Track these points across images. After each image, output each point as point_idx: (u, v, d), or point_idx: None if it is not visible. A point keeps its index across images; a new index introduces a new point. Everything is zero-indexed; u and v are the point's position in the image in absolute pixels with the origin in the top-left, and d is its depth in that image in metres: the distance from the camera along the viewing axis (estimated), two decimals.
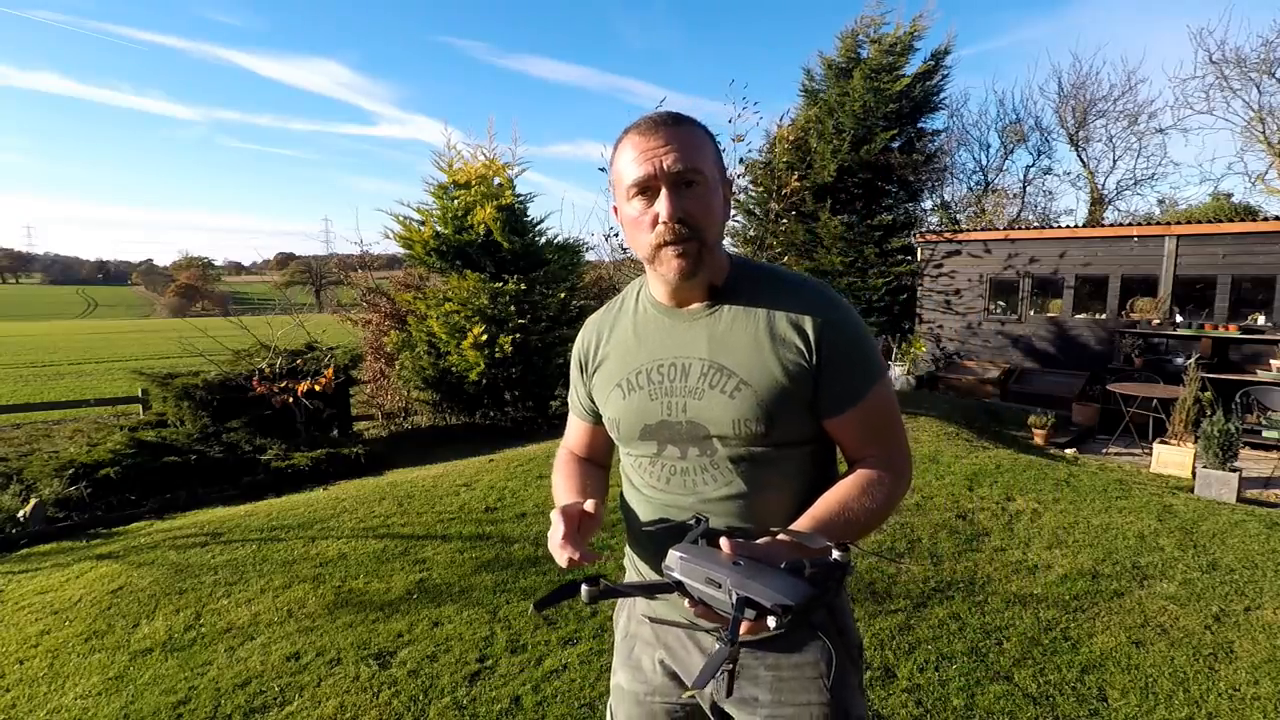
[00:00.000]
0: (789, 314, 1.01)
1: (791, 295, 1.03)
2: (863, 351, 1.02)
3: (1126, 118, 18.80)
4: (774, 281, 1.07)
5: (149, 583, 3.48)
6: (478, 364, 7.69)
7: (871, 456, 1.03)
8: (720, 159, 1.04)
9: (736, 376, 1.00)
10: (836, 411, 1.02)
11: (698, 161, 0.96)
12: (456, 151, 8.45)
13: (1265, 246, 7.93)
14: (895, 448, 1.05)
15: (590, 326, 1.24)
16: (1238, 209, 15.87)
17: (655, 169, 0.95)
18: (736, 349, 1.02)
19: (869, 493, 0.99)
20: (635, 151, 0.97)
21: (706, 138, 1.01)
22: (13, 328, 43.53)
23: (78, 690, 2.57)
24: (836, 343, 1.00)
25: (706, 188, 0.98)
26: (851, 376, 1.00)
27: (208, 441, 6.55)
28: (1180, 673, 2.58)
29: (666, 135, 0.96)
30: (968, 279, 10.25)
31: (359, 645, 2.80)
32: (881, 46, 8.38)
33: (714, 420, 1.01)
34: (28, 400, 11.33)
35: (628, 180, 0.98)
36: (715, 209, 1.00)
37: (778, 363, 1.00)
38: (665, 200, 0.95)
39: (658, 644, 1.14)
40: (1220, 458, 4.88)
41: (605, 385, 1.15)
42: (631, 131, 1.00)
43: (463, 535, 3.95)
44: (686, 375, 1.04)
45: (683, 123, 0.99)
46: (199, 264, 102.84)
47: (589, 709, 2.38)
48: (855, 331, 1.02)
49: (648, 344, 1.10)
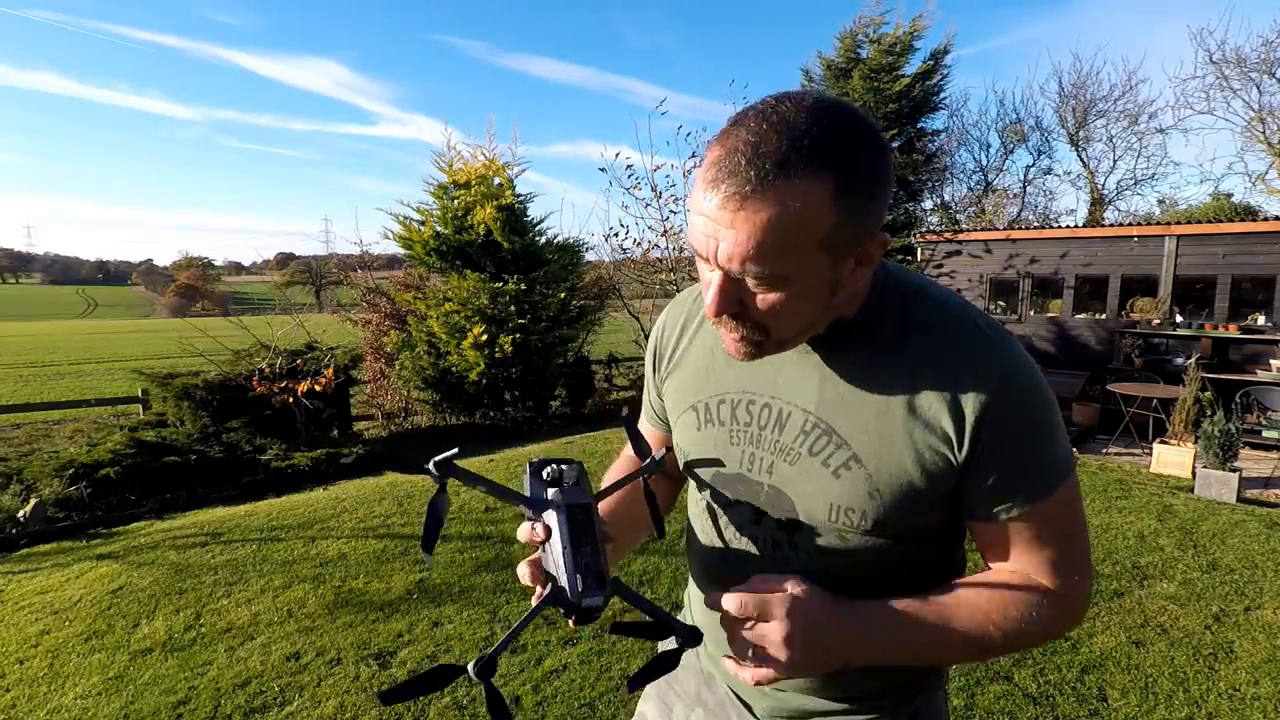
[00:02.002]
0: (946, 373, 0.71)
1: (955, 344, 0.72)
2: (1042, 442, 0.72)
3: (1127, 118, 18.84)
4: (935, 318, 0.75)
5: (149, 583, 3.48)
6: (478, 364, 7.69)
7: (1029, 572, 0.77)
8: (858, 213, 0.63)
9: (849, 449, 0.74)
10: (988, 518, 0.74)
11: (773, 264, 0.62)
12: (456, 152, 8.46)
13: (1265, 246, 7.93)
14: (1067, 569, 0.76)
15: (674, 311, 0.96)
16: (1238, 209, 15.88)
17: (707, 248, 0.64)
18: (856, 409, 0.74)
19: (1016, 614, 0.73)
20: (699, 204, 0.64)
21: (815, 210, 0.60)
22: (13, 328, 43.55)
23: (78, 690, 2.57)
24: (1005, 431, 0.70)
25: (786, 286, 0.65)
26: (1020, 477, 0.72)
27: (208, 441, 6.54)
28: (1180, 673, 2.58)
29: (737, 208, 0.60)
30: (968, 279, 10.25)
31: (359, 645, 2.80)
32: (881, 47, 8.38)
33: (804, 496, 0.77)
34: (28, 400, 11.32)
35: (688, 233, 0.69)
36: (799, 305, 0.67)
37: (910, 446, 0.72)
38: (713, 290, 0.67)
39: (698, 700, 0.98)
40: (1220, 458, 4.88)
41: (679, 400, 0.91)
42: (710, 157, 0.63)
43: (463, 535, 3.96)
44: (782, 427, 0.79)
45: (768, 194, 0.59)
46: (199, 264, 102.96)
47: (589, 709, 2.38)
48: (1036, 412, 0.71)
49: (739, 365, 0.83)
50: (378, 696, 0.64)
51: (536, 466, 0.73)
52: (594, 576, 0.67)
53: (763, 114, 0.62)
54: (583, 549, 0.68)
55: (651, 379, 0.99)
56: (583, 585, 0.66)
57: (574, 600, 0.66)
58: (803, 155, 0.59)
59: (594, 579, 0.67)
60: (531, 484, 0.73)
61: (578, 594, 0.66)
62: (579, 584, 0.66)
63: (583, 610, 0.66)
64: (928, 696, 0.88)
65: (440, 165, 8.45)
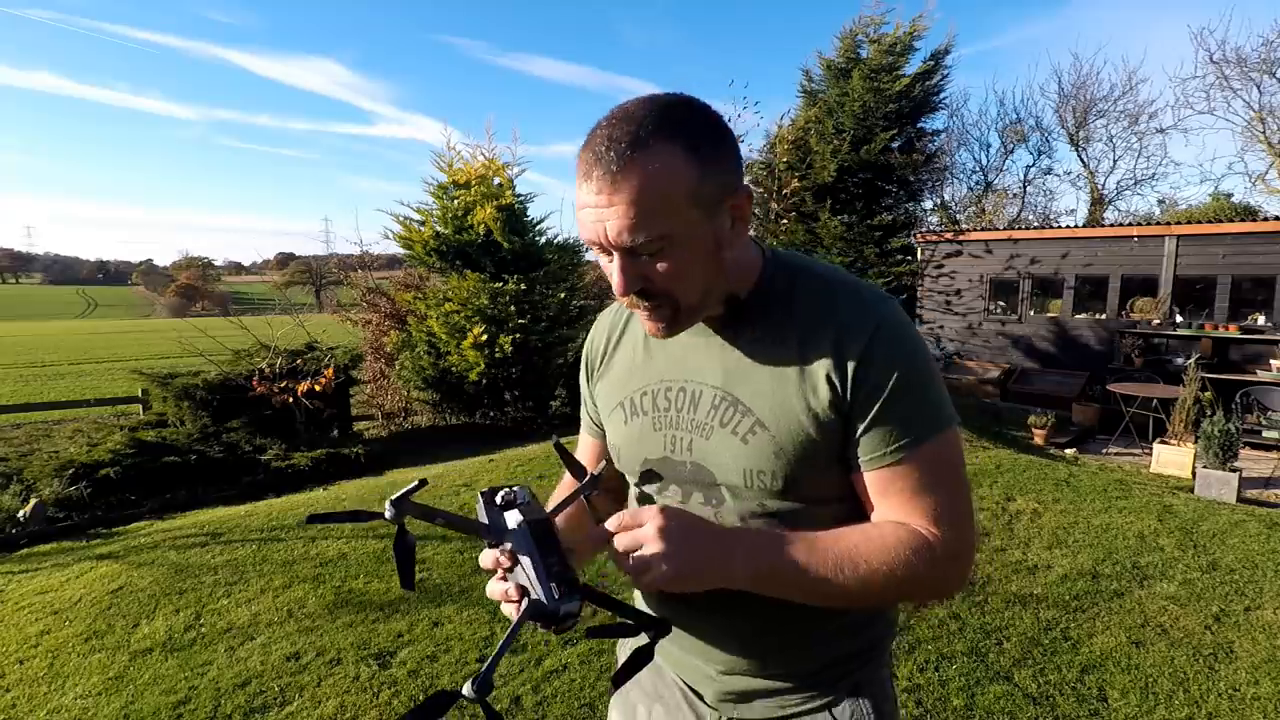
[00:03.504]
0: (826, 336, 0.79)
1: (834, 309, 0.80)
2: (917, 390, 0.78)
3: (1127, 118, 18.81)
4: (817, 289, 0.83)
5: (149, 583, 3.48)
6: (478, 364, 7.69)
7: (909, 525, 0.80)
8: (713, 170, 0.74)
9: (753, 415, 0.81)
10: (868, 465, 0.79)
11: (655, 225, 0.70)
12: (456, 151, 8.46)
13: (1265, 246, 7.93)
14: (944, 519, 0.79)
15: (600, 325, 1.04)
16: (1238, 209, 15.86)
17: (598, 235, 0.72)
18: (756, 379, 0.82)
19: (892, 550, 0.76)
20: (581, 198, 0.73)
21: (673, 167, 0.71)
22: (13, 328, 43.55)
23: (78, 690, 2.56)
24: (880, 379, 0.77)
25: (676, 248, 0.73)
26: (896, 424, 0.77)
27: (208, 441, 6.55)
28: (1180, 673, 2.58)
29: (611, 188, 0.70)
30: (968, 279, 10.25)
31: (359, 645, 2.80)
32: (881, 47, 8.37)
33: (721, 466, 0.84)
34: (28, 400, 11.32)
35: (580, 231, 0.76)
36: (692, 265, 0.75)
37: (803, 402, 0.79)
38: (616, 272, 0.74)
39: (655, 696, 1.01)
40: (1220, 458, 4.88)
41: (608, 401, 0.98)
42: (581, 156, 0.73)
43: (463, 535, 3.95)
44: (696, 406, 0.86)
45: (630, 166, 0.69)
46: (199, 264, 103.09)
47: (589, 709, 2.38)
48: (909, 361, 0.78)
49: (657, 359, 0.92)
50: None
51: (489, 495, 0.75)
52: (567, 583, 0.68)
53: (611, 115, 0.74)
54: (550, 559, 0.69)
55: (586, 389, 1.07)
56: (558, 592, 0.67)
57: (552, 608, 0.67)
58: (649, 130, 0.70)
59: (567, 585, 0.68)
60: (488, 512, 0.74)
61: (555, 602, 0.67)
62: (554, 591, 0.67)
63: (561, 617, 0.67)
64: (871, 671, 0.91)
65: (440, 165, 8.45)
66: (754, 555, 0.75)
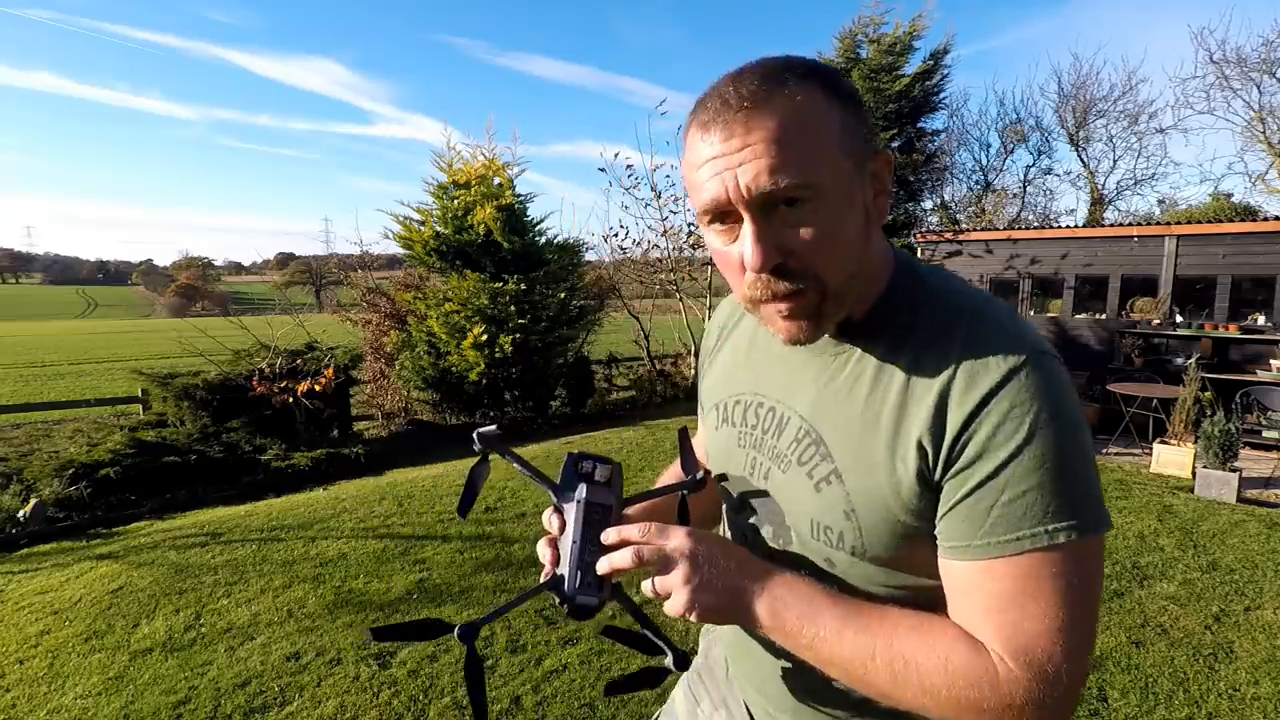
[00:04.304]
0: (941, 378, 0.62)
1: (963, 343, 0.62)
2: (1050, 467, 0.57)
3: (1127, 117, 18.83)
4: (947, 314, 0.66)
5: (149, 583, 3.48)
6: (478, 364, 7.69)
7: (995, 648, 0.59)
8: (855, 120, 0.62)
9: (831, 461, 0.68)
10: (948, 552, 0.62)
11: (801, 168, 0.58)
12: (456, 151, 8.46)
13: (1265, 246, 7.92)
14: (1030, 658, 0.57)
15: (720, 312, 0.93)
16: (1238, 209, 15.87)
17: (727, 189, 0.59)
18: (845, 419, 0.68)
19: (940, 661, 0.59)
20: (698, 154, 0.62)
21: (820, 103, 0.60)
22: (13, 328, 43.55)
23: (78, 690, 2.56)
24: (1000, 435, 0.58)
25: (824, 201, 0.59)
26: (1007, 505, 0.58)
27: (208, 441, 6.55)
28: (1180, 673, 2.58)
29: (744, 128, 0.58)
30: (968, 279, 10.23)
31: (359, 645, 2.80)
32: (881, 46, 8.38)
33: (791, 508, 0.72)
34: (28, 400, 11.32)
35: (695, 202, 0.64)
36: (842, 229, 0.61)
37: (890, 463, 0.63)
38: (749, 239, 0.60)
39: (722, 704, 0.94)
40: (1220, 458, 4.88)
41: (708, 398, 0.88)
42: (695, 116, 0.63)
43: (463, 535, 3.96)
44: (781, 432, 0.74)
45: (772, 95, 0.58)
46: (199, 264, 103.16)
47: (589, 709, 2.38)
48: (1051, 428, 0.57)
49: (757, 366, 0.80)
50: (369, 631, 0.65)
51: (575, 458, 0.75)
52: (594, 576, 0.68)
53: (724, 76, 0.63)
54: (590, 547, 0.69)
55: (700, 382, 0.97)
56: (580, 582, 0.68)
57: (569, 594, 0.68)
58: (784, 73, 0.60)
59: (593, 578, 0.68)
60: (565, 473, 0.74)
61: (574, 588, 0.68)
62: (577, 579, 0.68)
63: (576, 605, 0.68)
64: None
65: (440, 165, 8.45)
66: (777, 605, 0.65)
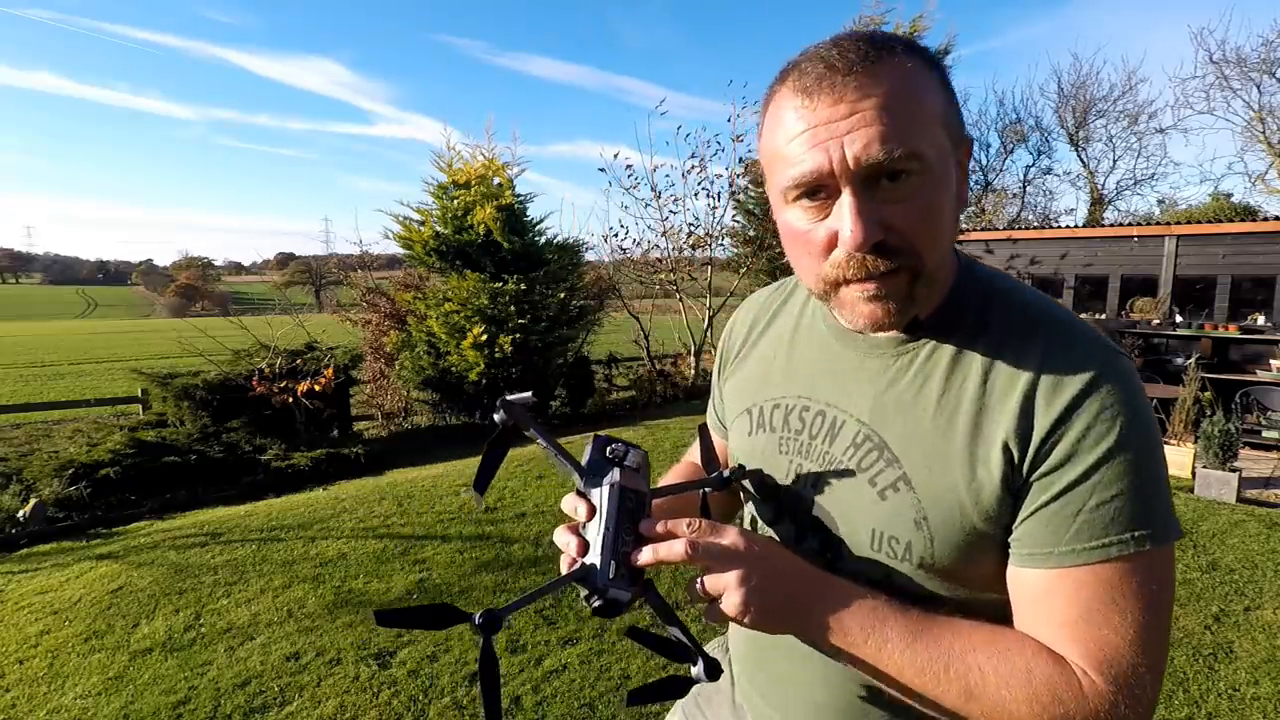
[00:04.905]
0: (1022, 382, 0.60)
1: (1041, 349, 0.61)
2: (1130, 477, 0.57)
3: (1126, 118, 18.89)
4: (1020, 319, 0.64)
5: (149, 583, 3.48)
6: (477, 364, 7.69)
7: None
8: (950, 101, 0.60)
9: (899, 467, 0.64)
10: (1020, 560, 0.60)
11: (911, 137, 0.56)
12: (455, 152, 8.46)
13: (1265, 246, 7.92)
14: (1114, 668, 0.56)
15: (743, 313, 0.89)
16: (1238, 209, 15.88)
17: (829, 160, 0.56)
18: (913, 422, 0.64)
19: (1021, 674, 0.57)
20: (795, 123, 0.57)
21: (927, 76, 0.58)
22: (13, 328, 43.55)
23: (78, 690, 2.56)
24: (1083, 443, 0.57)
25: (928, 176, 0.57)
26: (1087, 513, 0.57)
27: (208, 441, 6.55)
28: (1180, 673, 2.58)
29: (856, 93, 0.55)
30: None
31: (359, 645, 2.80)
32: None
33: (846, 518, 0.68)
34: (28, 400, 11.32)
35: (783, 176, 0.59)
36: (943, 208, 0.59)
37: (968, 468, 0.61)
38: (851, 214, 0.56)
39: None
40: (1220, 458, 4.88)
41: (736, 403, 0.83)
42: (789, 79, 0.59)
43: (462, 535, 3.96)
44: (833, 437, 0.70)
45: (883, 60, 0.56)
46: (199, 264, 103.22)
47: (589, 709, 2.38)
48: (1131, 437, 0.57)
49: (800, 368, 0.76)
50: (374, 615, 0.59)
51: (603, 440, 0.68)
52: (629, 569, 0.62)
53: (823, 41, 0.60)
54: (624, 537, 0.62)
55: (716, 381, 0.92)
56: (614, 573, 0.61)
57: (601, 585, 0.61)
58: (891, 40, 0.58)
59: (628, 571, 0.62)
60: (592, 456, 0.68)
61: (606, 581, 0.61)
62: (610, 571, 0.61)
63: (608, 600, 0.61)
64: None
65: (440, 165, 8.45)
66: (841, 611, 0.61)
